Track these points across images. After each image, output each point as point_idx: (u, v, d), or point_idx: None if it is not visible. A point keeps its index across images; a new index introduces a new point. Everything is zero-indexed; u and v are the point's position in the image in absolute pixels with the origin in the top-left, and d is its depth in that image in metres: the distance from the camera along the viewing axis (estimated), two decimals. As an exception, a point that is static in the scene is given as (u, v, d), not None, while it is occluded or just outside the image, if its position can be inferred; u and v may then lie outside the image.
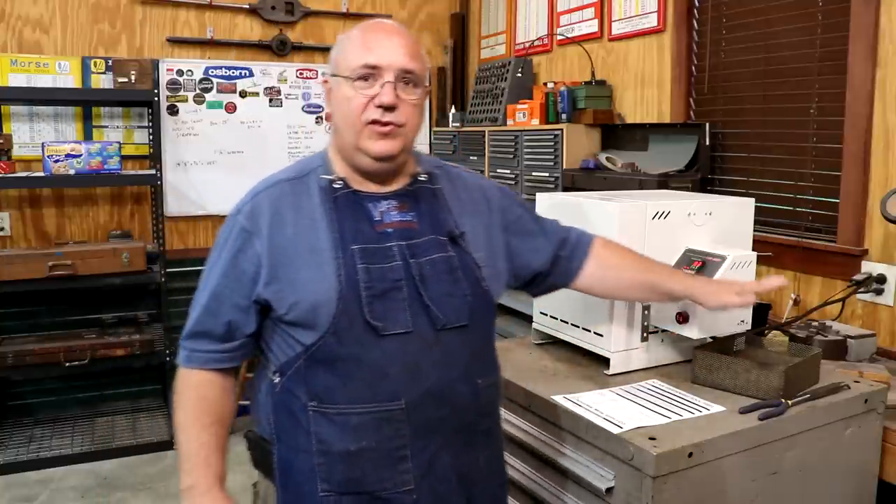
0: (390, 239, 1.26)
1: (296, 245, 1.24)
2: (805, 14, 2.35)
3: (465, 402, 1.28)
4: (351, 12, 4.29)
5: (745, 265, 1.61)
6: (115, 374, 3.90)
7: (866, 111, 2.10)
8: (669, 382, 1.59)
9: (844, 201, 2.17)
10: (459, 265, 1.29)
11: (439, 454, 1.26)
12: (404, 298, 1.23)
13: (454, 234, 1.31)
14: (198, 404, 1.29)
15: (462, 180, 1.43)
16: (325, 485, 1.23)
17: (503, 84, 3.58)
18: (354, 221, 1.26)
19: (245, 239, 1.25)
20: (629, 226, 1.61)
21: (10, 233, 3.72)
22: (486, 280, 1.33)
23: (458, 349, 1.27)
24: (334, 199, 1.27)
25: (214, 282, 1.27)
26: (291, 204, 1.27)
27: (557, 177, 3.01)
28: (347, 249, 1.23)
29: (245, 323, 1.27)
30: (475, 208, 1.39)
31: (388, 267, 1.24)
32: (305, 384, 1.23)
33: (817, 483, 1.50)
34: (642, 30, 3.02)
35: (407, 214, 1.30)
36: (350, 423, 1.22)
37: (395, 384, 1.22)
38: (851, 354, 1.92)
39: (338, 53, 1.30)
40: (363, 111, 1.24)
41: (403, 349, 1.22)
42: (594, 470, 1.37)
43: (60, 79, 3.71)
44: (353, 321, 1.20)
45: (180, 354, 1.31)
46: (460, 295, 1.28)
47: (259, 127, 4.14)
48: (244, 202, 1.30)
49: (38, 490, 3.16)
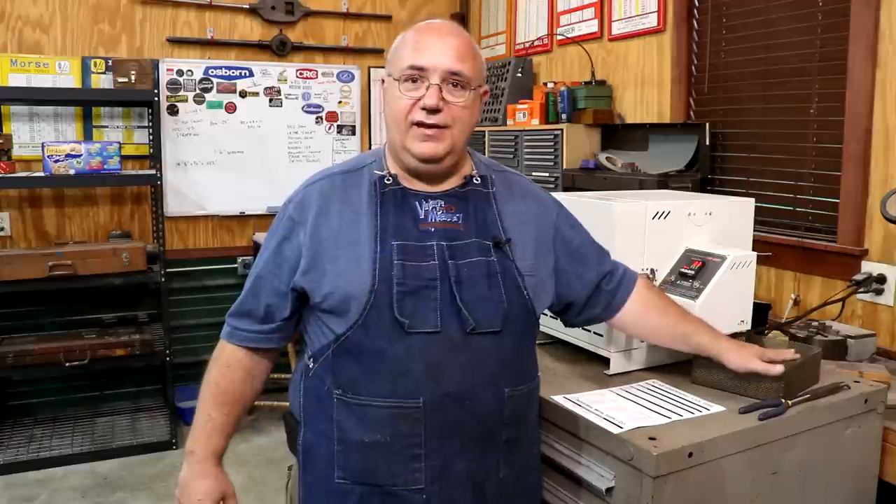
0: (431, 238, 1.27)
1: (338, 237, 1.27)
2: (805, 14, 2.35)
3: (488, 409, 1.27)
4: (351, 12, 4.29)
5: (745, 265, 1.61)
6: (115, 374, 3.90)
7: (866, 111, 2.10)
8: (669, 382, 1.59)
9: (844, 201, 2.17)
10: (500, 271, 1.28)
11: (454, 458, 1.26)
12: (436, 298, 1.24)
13: (499, 239, 1.30)
14: (220, 381, 1.36)
15: (520, 188, 1.42)
16: (341, 472, 1.28)
17: (503, 84, 3.58)
18: (398, 217, 1.28)
19: (291, 228, 1.30)
20: (629, 226, 1.61)
21: (10, 233, 3.72)
22: (528, 289, 1.31)
23: (486, 355, 1.26)
24: (382, 194, 1.29)
25: (261, 266, 1.34)
26: (340, 197, 1.31)
27: (557, 177, 3.01)
28: (387, 244, 1.25)
29: (281, 307, 1.32)
30: (529, 218, 1.38)
31: (425, 266, 1.25)
32: (333, 372, 1.28)
33: (817, 483, 1.50)
34: (642, 30, 3.02)
35: (453, 215, 1.30)
36: (368, 414, 1.25)
37: (415, 382, 1.23)
38: (851, 354, 1.92)
39: (392, 53, 1.32)
40: (409, 112, 1.26)
41: (428, 348, 1.23)
42: (594, 470, 1.37)
43: (60, 79, 3.71)
44: (382, 315, 1.23)
45: (224, 329, 1.38)
46: (496, 300, 1.27)
47: (259, 127, 4.14)
48: (297, 192, 1.35)
49: (38, 490, 3.16)
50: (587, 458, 1.40)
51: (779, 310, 2.34)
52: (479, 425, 1.27)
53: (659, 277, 1.65)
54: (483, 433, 1.28)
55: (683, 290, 1.59)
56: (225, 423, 1.37)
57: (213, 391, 1.37)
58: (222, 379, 1.37)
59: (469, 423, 1.26)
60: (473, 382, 1.25)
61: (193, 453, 1.37)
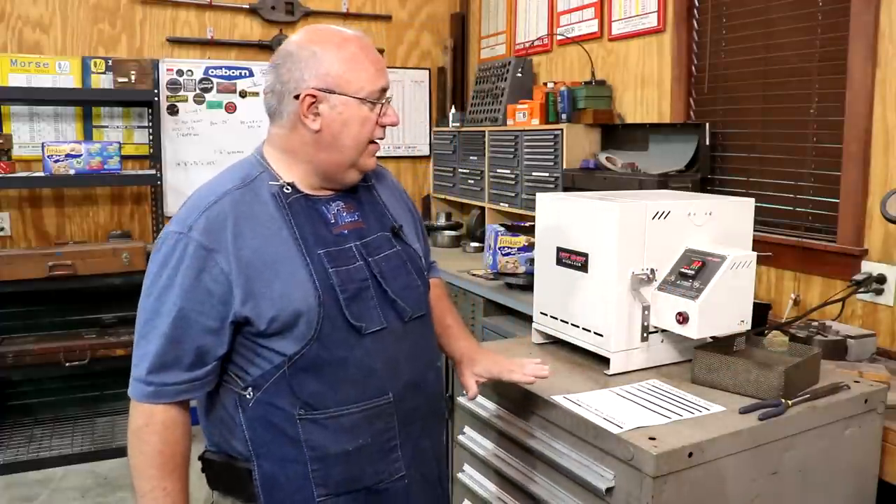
0: (347, 240, 1.30)
1: (262, 256, 1.21)
2: (805, 14, 2.35)
3: (434, 389, 1.39)
4: (351, 12, 4.29)
5: (745, 265, 1.61)
6: (115, 374, 3.88)
7: (866, 111, 2.10)
8: (669, 382, 1.59)
9: (844, 201, 2.17)
10: (407, 258, 1.36)
11: (421, 440, 1.35)
12: (372, 297, 1.28)
13: (396, 228, 1.38)
14: (164, 450, 1.21)
15: (386, 179, 1.49)
16: (321, 489, 1.24)
17: (503, 84, 3.58)
18: (312, 226, 1.27)
19: (204, 257, 1.19)
20: (629, 226, 1.61)
21: (10, 233, 3.72)
22: (425, 270, 1.43)
23: (421, 339, 1.36)
24: (288, 204, 1.26)
25: (175, 307, 1.18)
26: (245, 214, 1.23)
27: (557, 177, 3.01)
28: (314, 254, 1.23)
29: (216, 345, 1.21)
30: (401, 205, 1.48)
31: (354, 268, 1.27)
32: (291, 394, 1.22)
33: (817, 483, 1.50)
34: (642, 30, 3.02)
35: (354, 214, 1.34)
36: (343, 424, 1.24)
37: (381, 379, 1.27)
38: (851, 354, 1.92)
39: (338, 70, 1.25)
40: (373, 132, 1.30)
41: (382, 345, 1.27)
42: (594, 470, 1.37)
43: (60, 79, 3.71)
44: (335, 325, 1.22)
45: (142, 391, 1.20)
46: (415, 286, 1.36)
47: (259, 127, 4.14)
48: (193, 217, 1.22)
49: (38, 490, 3.16)
50: (587, 458, 1.40)
51: (779, 310, 2.34)
52: (430, 405, 1.37)
53: (659, 277, 1.65)
54: (433, 410, 1.39)
55: (683, 290, 1.59)
56: (182, 489, 1.23)
57: (159, 460, 1.20)
58: (166, 445, 1.20)
59: (424, 404, 1.35)
60: (420, 367, 1.35)
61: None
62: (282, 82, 1.26)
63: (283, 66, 1.26)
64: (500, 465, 1.61)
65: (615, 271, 1.61)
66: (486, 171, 3.60)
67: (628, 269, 1.61)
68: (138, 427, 1.21)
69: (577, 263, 1.70)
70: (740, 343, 1.70)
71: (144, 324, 1.21)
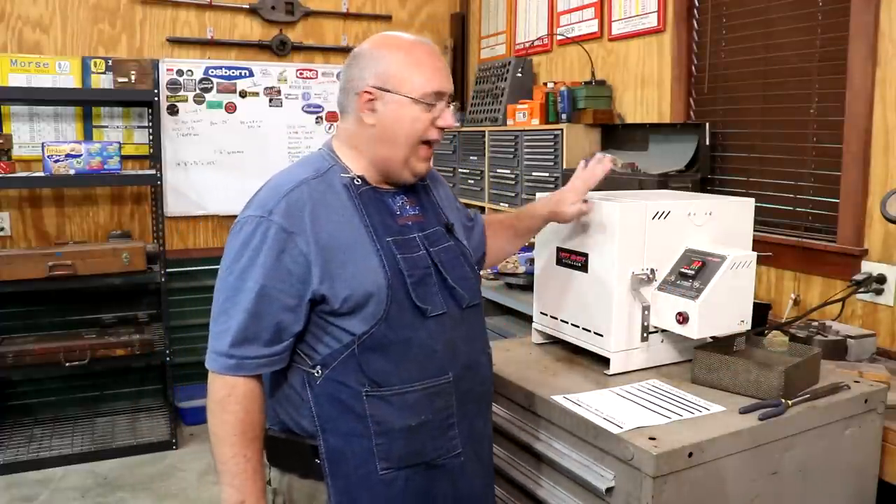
0: (411, 231, 1.38)
1: (337, 241, 1.29)
2: (805, 14, 2.35)
3: (486, 373, 1.45)
4: (351, 12, 4.29)
5: (745, 265, 1.61)
6: (115, 374, 3.90)
7: (866, 111, 2.10)
8: (669, 382, 1.59)
9: (844, 201, 2.17)
10: (460, 252, 1.45)
11: (475, 420, 1.41)
12: (434, 283, 1.35)
13: (449, 225, 1.46)
14: (245, 418, 1.28)
15: (436, 178, 1.56)
16: (384, 463, 1.30)
17: (503, 84, 3.58)
18: (380, 216, 1.35)
19: (285, 239, 1.26)
20: (629, 226, 1.61)
21: (10, 233, 3.72)
22: (476, 265, 1.51)
23: (476, 325, 1.44)
24: (359, 195, 1.34)
25: (257, 284, 1.25)
26: (321, 201, 1.31)
27: (557, 177, 3.01)
28: (383, 242, 1.32)
29: (293, 322, 1.28)
30: (451, 203, 1.56)
31: (418, 256, 1.35)
32: (358, 372, 1.29)
33: (817, 483, 1.50)
34: (642, 30, 3.02)
35: (416, 208, 1.43)
36: (407, 401, 1.31)
37: (441, 360, 1.34)
38: (851, 354, 1.92)
39: (395, 71, 1.33)
40: (425, 132, 1.35)
41: (443, 328, 1.34)
42: (594, 470, 1.37)
43: (60, 79, 3.71)
44: (402, 307, 1.30)
45: (224, 363, 1.27)
46: (471, 277, 1.44)
47: (259, 127, 4.14)
48: (273, 201, 1.29)
49: (38, 490, 3.16)
50: (587, 458, 1.40)
51: (779, 310, 2.34)
52: (482, 387, 1.44)
53: (659, 277, 1.65)
54: (484, 393, 1.45)
55: (683, 290, 1.59)
56: (259, 460, 1.31)
57: (240, 428, 1.27)
58: (247, 414, 1.28)
59: (478, 386, 1.42)
60: (475, 351, 1.42)
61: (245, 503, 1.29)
62: (348, 80, 1.37)
63: (351, 66, 1.37)
64: (500, 465, 1.61)
65: (615, 271, 1.61)
66: (486, 171, 3.60)
67: (628, 269, 1.62)
68: (221, 398, 1.28)
69: (577, 263, 1.70)
70: (740, 343, 1.70)
71: (225, 300, 1.28)
